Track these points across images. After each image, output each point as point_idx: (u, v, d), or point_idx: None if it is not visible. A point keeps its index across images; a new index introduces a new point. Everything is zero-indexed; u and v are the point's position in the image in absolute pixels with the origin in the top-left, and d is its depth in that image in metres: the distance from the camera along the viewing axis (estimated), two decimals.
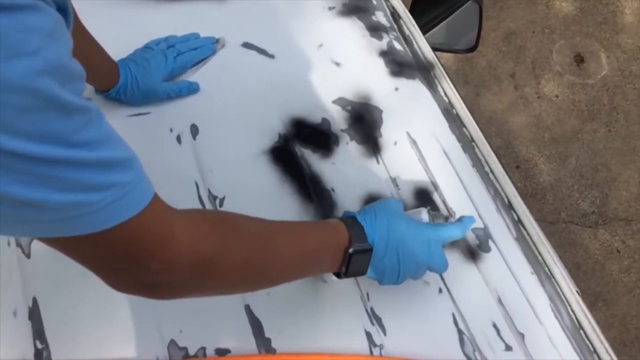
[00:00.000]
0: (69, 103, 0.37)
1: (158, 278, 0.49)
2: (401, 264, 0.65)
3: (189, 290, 0.53)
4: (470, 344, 0.73)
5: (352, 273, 0.66)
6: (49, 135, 0.36)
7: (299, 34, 0.98)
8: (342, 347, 0.72)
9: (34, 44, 0.34)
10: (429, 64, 0.97)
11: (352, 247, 0.63)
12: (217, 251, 0.52)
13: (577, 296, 0.77)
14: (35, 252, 0.76)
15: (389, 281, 0.68)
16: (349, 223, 0.65)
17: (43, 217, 0.39)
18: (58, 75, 0.36)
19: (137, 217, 0.43)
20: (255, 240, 0.57)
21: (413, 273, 0.68)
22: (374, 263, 0.65)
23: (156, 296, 0.52)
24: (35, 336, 0.71)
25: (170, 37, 0.92)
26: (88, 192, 0.40)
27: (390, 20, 1.02)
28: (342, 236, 0.64)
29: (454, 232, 0.70)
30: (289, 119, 0.89)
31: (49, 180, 0.37)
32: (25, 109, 0.34)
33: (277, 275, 0.61)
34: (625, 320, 1.87)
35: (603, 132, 2.18)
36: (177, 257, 0.48)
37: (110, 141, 0.41)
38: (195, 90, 0.90)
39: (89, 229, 0.41)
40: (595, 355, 0.74)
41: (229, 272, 0.54)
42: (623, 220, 2.02)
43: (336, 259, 0.64)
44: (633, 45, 2.36)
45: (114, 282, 0.49)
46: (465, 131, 0.90)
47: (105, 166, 0.40)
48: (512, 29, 2.39)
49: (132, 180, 0.43)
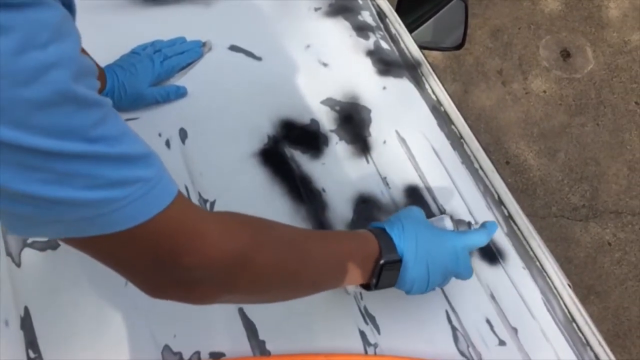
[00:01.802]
0: (84, 97, 0.37)
1: (192, 275, 0.47)
2: (430, 273, 0.65)
3: (224, 288, 0.51)
4: (464, 340, 0.74)
5: (383, 284, 0.65)
6: (67, 131, 0.36)
7: (286, 36, 0.98)
8: (336, 347, 0.72)
9: (43, 38, 0.34)
10: (416, 63, 0.97)
11: (383, 258, 0.63)
12: (250, 248, 0.51)
13: (569, 289, 0.78)
14: (25, 261, 0.75)
15: (418, 291, 0.67)
16: (378, 234, 0.65)
17: (70, 216, 0.39)
18: (70, 69, 0.36)
19: (166, 212, 0.43)
20: (288, 243, 0.57)
21: (441, 282, 0.67)
22: (404, 274, 0.64)
23: (191, 297, 0.50)
24: (27, 345, 0.70)
25: (156, 42, 0.91)
26: (113, 188, 0.39)
27: (376, 20, 1.02)
28: (373, 247, 0.63)
29: (480, 238, 0.69)
30: (278, 120, 0.89)
31: (73, 178, 0.37)
32: (41, 104, 0.34)
33: (309, 281, 0.60)
34: (617, 312, 1.89)
35: (591, 126, 2.19)
36: (211, 251, 0.47)
37: (128, 137, 0.41)
38: (183, 94, 0.90)
39: (118, 226, 0.41)
40: (588, 347, 0.74)
41: (263, 272, 0.53)
42: (613, 213, 2.04)
43: (366, 270, 0.63)
44: (618, 39, 2.38)
45: (148, 285, 0.48)
46: (453, 128, 0.91)
47: (127, 161, 0.40)
48: (498, 26, 2.40)
49: (156, 175, 0.42)
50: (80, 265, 0.75)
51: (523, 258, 0.80)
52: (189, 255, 0.46)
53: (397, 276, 0.65)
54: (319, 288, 0.63)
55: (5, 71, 0.33)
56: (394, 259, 0.63)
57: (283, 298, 0.62)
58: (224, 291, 0.52)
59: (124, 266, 0.46)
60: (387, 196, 0.83)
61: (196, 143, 0.86)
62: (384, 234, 0.65)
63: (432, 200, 0.84)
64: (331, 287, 0.65)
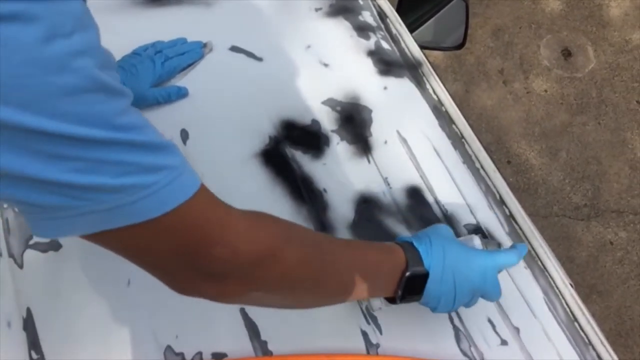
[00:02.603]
0: (109, 86, 0.38)
1: (221, 268, 0.47)
2: (457, 290, 0.63)
3: (251, 285, 0.50)
4: (466, 340, 0.74)
5: (408, 298, 0.64)
6: (96, 118, 0.37)
7: (287, 36, 0.98)
8: (338, 347, 0.72)
9: (68, 27, 0.35)
10: (416, 62, 0.97)
11: (409, 270, 0.62)
12: (278, 245, 0.51)
13: (571, 289, 0.78)
14: (27, 262, 0.75)
15: (444, 308, 0.65)
16: (405, 246, 0.64)
17: (102, 205, 0.39)
18: (94, 57, 0.37)
19: (193, 200, 0.43)
20: (315, 245, 0.57)
21: (467, 300, 0.66)
22: (430, 289, 0.63)
23: (218, 293, 0.50)
24: (30, 347, 0.70)
25: (157, 43, 0.91)
26: (142, 175, 0.40)
27: (377, 20, 1.02)
28: (399, 258, 0.62)
29: (510, 258, 0.67)
30: (279, 121, 0.89)
31: (104, 165, 0.38)
32: (69, 90, 0.35)
33: (335, 285, 0.59)
34: (620, 312, 1.88)
35: (592, 125, 2.19)
36: (240, 244, 0.47)
37: (149, 127, 0.42)
38: (184, 95, 0.90)
39: (147, 214, 0.41)
40: (591, 347, 0.74)
41: (290, 270, 0.52)
42: (615, 212, 2.04)
43: (392, 282, 0.62)
44: (619, 38, 2.38)
45: (177, 279, 0.48)
46: (454, 128, 0.91)
47: (153, 149, 0.41)
48: (499, 25, 2.40)
49: (181, 164, 0.43)
50: (83, 266, 0.75)
51: (525, 257, 0.80)
52: (218, 246, 0.46)
53: (423, 290, 0.63)
54: (344, 294, 0.60)
55: (34, 59, 0.33)
56: (421, 273, 0.62)
57: (309, 302, 0.61)
58: (250, 288, 0.51)
59: (153, 260, 0.46)
60: (389, 196, 0.83)
61: (197, 144, 0.86)
62: (411, 247, 0.64)
63: (433, 200, 0.84)
64: (357, 296, 0.62)
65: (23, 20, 0.32)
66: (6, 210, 0.78)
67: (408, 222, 0.81)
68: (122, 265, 0.74)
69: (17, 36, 0.32)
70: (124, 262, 0.75)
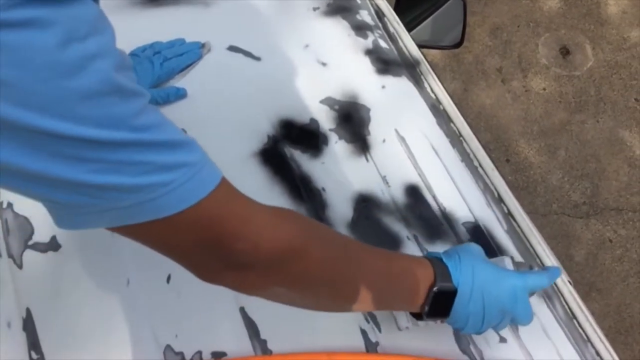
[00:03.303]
0: (126, 87, 0.38)
1: (244, 260, 0.48)
2: (486, 310, 0.62)
3: (274, 279, 0.51)
4: (465, 338, 0.74)
5: (435, 314, 0.62)
6: (115, 120, 0.37)
7: (285, 36, 0.98)
8: (337, 346, 0.72)
9: (82, 32, 0.35)
10: (414, 61, 0.97)
11: (437, 285, 0.60)
12: (302, 240, 0.51)
13: (570, 286, 0.78)
14: (27, 263, 0.75)
15: (472, 329, 0.64)
16: (434, 262, 0.63)
17: (123, 202, 0.40)
18: (110, 60, 0.37)
19: (213, 195, 0.44)
20: (340, 244, 0.56)
21: (497, 322, 0.64)
22: (458, 307, 0.62)
23: (242, 284, 0.51)
24: (30, 347, 0.71)
25: (155, 44, 0.91)
26: (161, 173, 0.40)
27: (374, 19, 1.02)
28: (427, 272, 0.61)
29: (542, 280, 0.66)
30: (278, 120, 0.89)
31: (124, 165, 0.39)
32: (86, 94, 0.36)
33: (357, 290, 0.57)
34: (620, 309, 1.89)
35: (591, 123, 2.19)
36: (262, 239, 0.48)
37: (168, 125, 0.42)
38: (182, 95, 0.90)
39: (169, 210, 0.42)
40: (589, 344, 0.74)
41: (314, 266, 0.52)
42: (614, 209, 2.04)
43: (419, 296, 0.61)
44: (617, 36, 2.38)
45: (201, 269, 0.49)
46: (453, 126, 0.91)
47: (172, 147, 0.41)
48: (497, 24, 2.40)
49: (200, 159, 0.44)
50: (82, 266, 0.76)
51: (523, 255, 0.80)
52: (240, 240, 0.47)
53: (451, 308, 0.62)
54: (367, 301, 0.58)
55: (52, 64, 0.34)
56: (449, 289, 0.61)
57: (331, 304, 0.60)
58: (273, 282, 0.51)
59: (177, 252, 0.48)
60: (387, 195, 0.84)
61: None
62: (439, 262, 0.63)
63: (432, 199, 0.84)
64: (380, 306, 0.61)
65: (39, 26, 0.33)
66: (5, 210, 0.79)
67: (407, 220, 0.82)
68: (121, 265, 0.75)
69: (34, 41, 0.33)
70: (123, 262, 0.75)
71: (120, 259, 0.76)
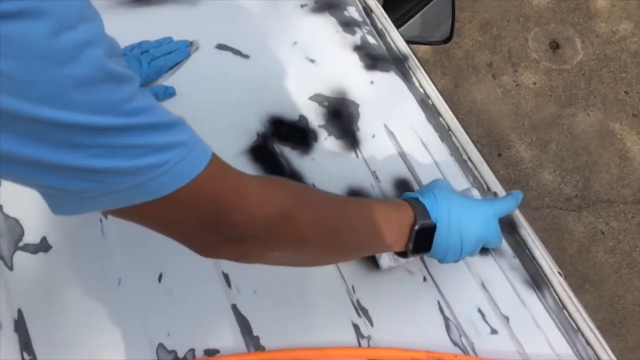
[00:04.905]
0: (118, 73, 0.39)
1: (241, 232, 0.50)
2: (463, 239, 0.67)
3: (271, 245, 0.53)
4: (456, 330, 0.74)
5: (418, 250, 0.67)
6: (107, 106, 0.38)
7: (273, 33, 0.98)
8: (330, 340, 0.72)
9: (74, 19, 0.36)
10: (403, 56, 0.98)
11: (418, 224, 0.65)
12: (293, 205, 0.53)
13: (559, 277, 0.79)
14: (17, 264, 0.75)
15: (451, 259, 0.69)
16: (412, 202, 0.67)
17: (121, 185, 0.41)
18: (102, 46, 0.38)
19: (206, 172, 0.45)
20: (328, 203, 0.60)
21: (472, 249, 0.69)
22: (438, 241, 0.66)
23: (241, 254, 0.53)
24: (22, 348, 0.70)
25: (143, 42, 0.91)
26: (156, 154, 0.42)
27: (362, 15, 1.03)
28: (407, 213, 0.65)
29: (509, 204, 0.71)
30: (267, 117, 0.89)
31: (118, 150, 0.39)
32: (80, 81, 0.36)
33: (349, 241, 0.62)
34: (613, 301, 1.90)
35: (581, 116, 2.20)
36: (256, 209, 0.50)
37: (158, 106, 0.43)
38: (171, 94, 0.90)
39: (165, 189, 0.43)
40: (580, 333, 0.75)
41: (306, 228, 0.55)
42: (605, 202, 2.05)
43: (402, 236, 0.65)
44: (607, 29, 2.39)
45: (200, 245, 0.51)
46: (442, 121, 0.91)
47: (164, 128, 0.42)
48: (487, 19, 2.41)
49: (191, 138, 0.45)
50: (73, 267, 0.75)
51: (513, 247, 0.80)
52: (235, 213, 0.48)
53: (431, 243, 0.66)
54: (357, 250, 0.65)
55: (46, 53, 0.34)
56: (429, 225, 0.65)
57: (326, 259, 0.65)
58: (271, 248, 0.54)
59: (175, 230, 0.49)
60: (377, 189, 0.84)
61: None
62: (417, 202, 0.67)
63: None
64: (369, 252, 0.67)
65: (31, 16, 0.33)
66: None
67: None
68: (112, 265, 0.75)
69: (27, 32, 0.33)
70: (114, 262, 0.75)
71: (111, 258, 0.76)
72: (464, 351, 0.73)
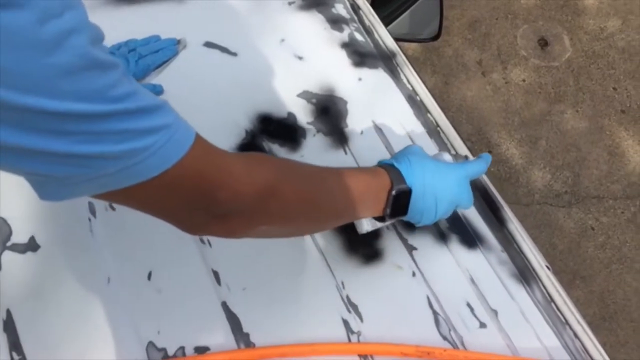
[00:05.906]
0: (102, 60, 0.39)
1: (226, 208, 0.51)
2: (438, 202, 0.70)
3: (257, 219, 0.55)
4: (445, 324, 0.75)
5: (395, 214, 0.70)
6: (92, 93, 0.39)
7: (261, 30, 0.98)
8: (320, 336, 0.73)
9: (58, 8, 0.36)
10: (390, 53, 0.98)
11: (395, 189, 0.67)
12: (275, 180, 0.55)
13: (547, 271, 0.79)
14: (5, 264, 0.75)
15: (427, 221, 0.72)
16: (388, 168, 0.69)
17: (108, 169, 0.42)
18: (86, 34, 0.38)
19: (191, 152, 0.46)
20: (308, 176, 0.62)
21: (446, 211, 0.72)
22: (414, 204, 0.69)
23: (228, 230, 0.54)
24: (11, 348, 0.70)
25: (130, 41, 0.91)
26: (142, 138, 0.42)
27: (350, 12, 1.03)
28: (384, 179, 0.68)
29: (479, 167, 0.74)
30: (255, 115, 0.89)
31: (103, 135, 0.40)
32: (66, 70, 0.37)
33: (330, 210, 0.64)
34: (603, 296, 1.91)
35: (571, 113, 2.22)
36: (240, 185, 0.51)
37: (141, 91, 0.44)
38: (159, 92, 0.90)
39: (152, 172, 0.44)
40: (567, 326, 0.75)
41: (289, 201, 0.57)
42: (595, 198, 2.06)
43: (380, 201, 0.68)
44: (595, 26, 2.40)
45: (188, 223, 0.52)
46: (429, 117, 0.91)
47: (148, 112, 0.43)
48: (476, 17, 2.42)
49: (175, 120, 0.46)
50: (62, 266, 0.75)
51: (501, 241, 0.81)
52: (221, 190, 0.50)
53: (408, 206, 0.69)
54: (339, 218, 0.68)
55: (32, 42, 0.35)
56: (405, 190, 0.68)
57: (310, 228, 0.69)
58: (257, 222, 0.56)
59: (163, 210, 0.50)
60: None
61: None
62: (392, 168, 0.69)
63: None
64: (350, 218, 0.70)
65: (17, 6, 0.34)
66: None
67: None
68: (101, 263, 0.75)
69: (13, 21, 0.34)
70: (103, 260, 0.75)
71: (100, 257, 0.76)
72: (454, 345, 0.73)
